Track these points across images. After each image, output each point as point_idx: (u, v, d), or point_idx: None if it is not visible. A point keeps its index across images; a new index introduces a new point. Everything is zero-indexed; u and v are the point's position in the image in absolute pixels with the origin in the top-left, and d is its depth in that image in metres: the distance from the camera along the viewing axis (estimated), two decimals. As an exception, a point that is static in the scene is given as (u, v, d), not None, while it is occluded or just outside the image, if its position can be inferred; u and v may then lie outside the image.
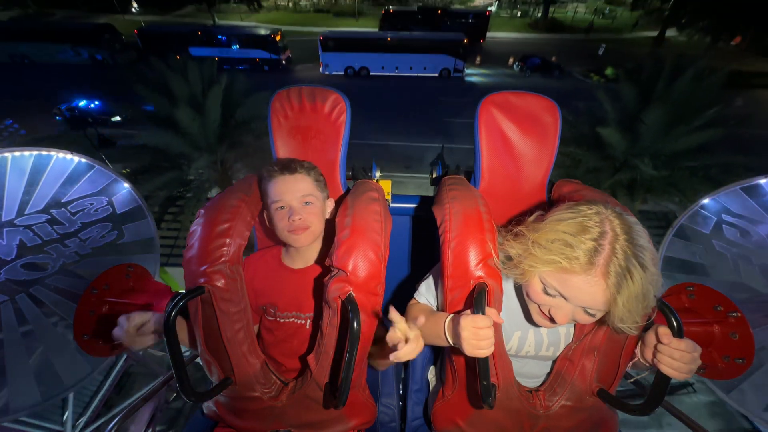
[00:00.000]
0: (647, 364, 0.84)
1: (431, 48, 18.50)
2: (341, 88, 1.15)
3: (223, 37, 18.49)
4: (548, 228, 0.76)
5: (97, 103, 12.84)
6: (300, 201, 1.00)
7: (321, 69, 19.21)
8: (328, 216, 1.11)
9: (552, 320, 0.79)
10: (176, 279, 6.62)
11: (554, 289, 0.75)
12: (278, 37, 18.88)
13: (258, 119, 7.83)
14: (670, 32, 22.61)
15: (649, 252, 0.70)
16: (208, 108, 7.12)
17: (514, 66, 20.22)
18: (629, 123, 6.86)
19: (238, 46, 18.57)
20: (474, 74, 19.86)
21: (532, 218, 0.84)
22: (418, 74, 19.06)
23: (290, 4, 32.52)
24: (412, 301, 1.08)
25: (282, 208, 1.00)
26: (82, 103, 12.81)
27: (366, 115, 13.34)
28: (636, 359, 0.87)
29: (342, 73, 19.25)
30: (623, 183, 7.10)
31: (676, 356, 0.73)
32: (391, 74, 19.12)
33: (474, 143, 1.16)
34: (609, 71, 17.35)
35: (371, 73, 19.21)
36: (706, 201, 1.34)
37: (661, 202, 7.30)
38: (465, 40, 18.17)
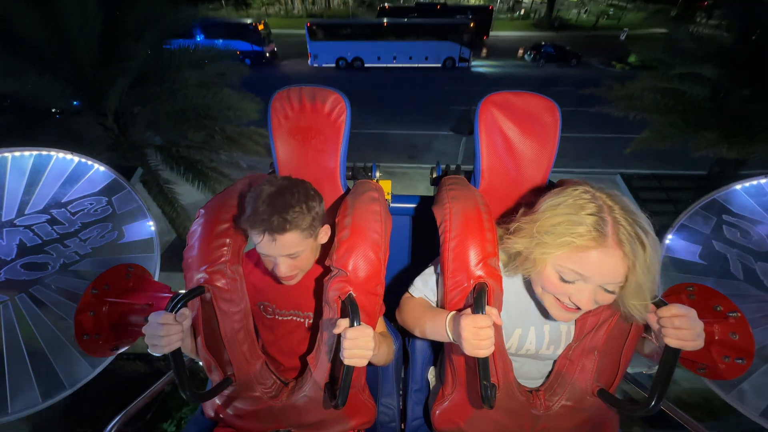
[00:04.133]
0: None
1: (433, 33, 16.46)
2: (331, 82, 1.10)
3: (198, 28, 14.90)
4: (547, 215, 0.77)
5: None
6: (286, 256, 0.91)
7: (309, 61, 17.11)
8: (323, 242, 1.02)
9: (572, 309, 0.78)
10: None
11: (572, 272, 0.74)
12: (261, 26, 16.46)
13: (153, 28, 4.16)
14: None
15: (643, 218, 0.73)
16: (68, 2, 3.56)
17: (526, 56, 18.91)
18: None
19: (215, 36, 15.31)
20: (481, 65, 17.92)
21: (521, 212, 0.85)
22: (419, 65, 17.05)
23: (282, 12, 31.54)
24: (406, 295, 1.08)
25: (268, 258, 0.92)
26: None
27: (363, 108, 12.06)
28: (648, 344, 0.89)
29: (333, 65, 17.21)
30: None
31: (676, 323, 0.73)
32: (389, 65, 17.05)
33: (474, 143, 1.16)
34: (632, 58, 15.70)
35: (366, 65, 17.12)
36: (705, 201, 1.34)
37: None
38: (471, 24, 16.14)
